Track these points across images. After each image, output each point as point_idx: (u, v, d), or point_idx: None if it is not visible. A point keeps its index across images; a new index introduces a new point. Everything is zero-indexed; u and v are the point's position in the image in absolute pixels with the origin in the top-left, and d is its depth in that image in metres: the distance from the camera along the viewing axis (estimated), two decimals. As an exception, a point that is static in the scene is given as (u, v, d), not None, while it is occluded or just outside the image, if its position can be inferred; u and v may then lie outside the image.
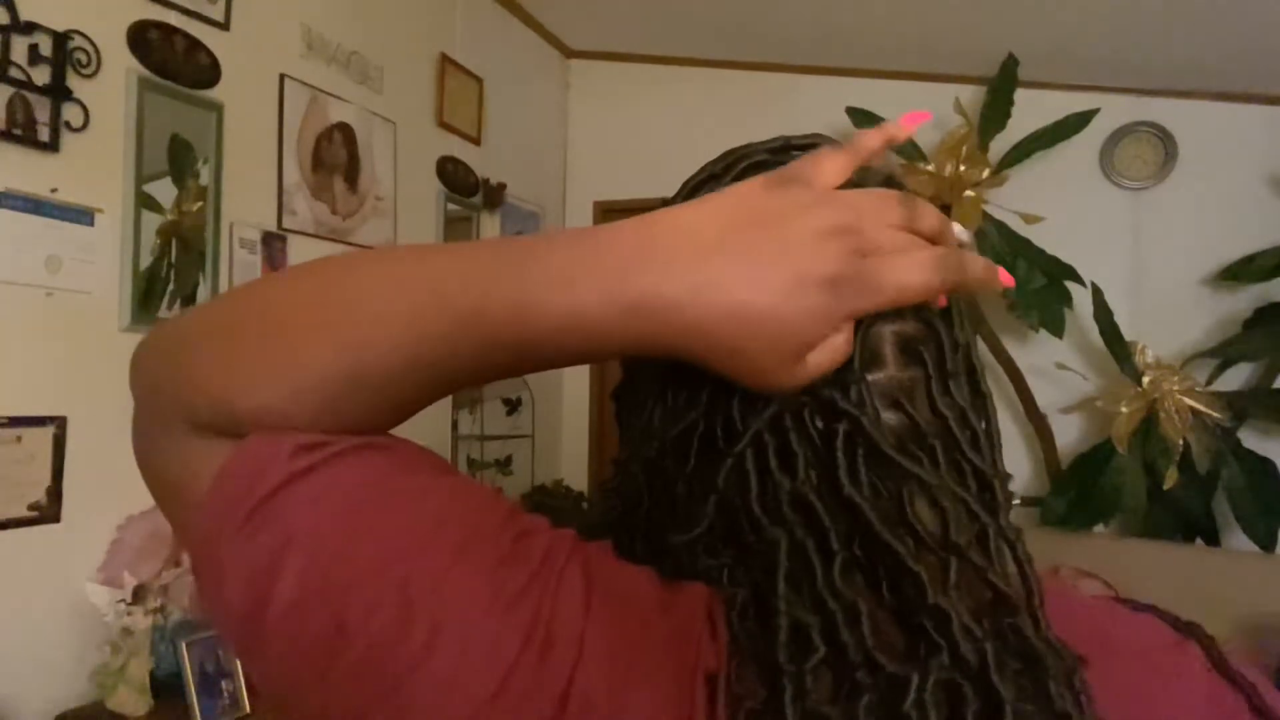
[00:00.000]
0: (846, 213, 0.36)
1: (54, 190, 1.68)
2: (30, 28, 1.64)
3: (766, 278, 0.35)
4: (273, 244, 2.20)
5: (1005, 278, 0.38)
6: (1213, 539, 2.85)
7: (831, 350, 0.37)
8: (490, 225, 3.20)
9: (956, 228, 0.39)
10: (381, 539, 0.35)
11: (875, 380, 0.39)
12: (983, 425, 0.41)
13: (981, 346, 3.00)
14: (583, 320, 0.36)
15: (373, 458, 0.38)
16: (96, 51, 1.76)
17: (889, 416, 0.39)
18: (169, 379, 0.40)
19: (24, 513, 1.63)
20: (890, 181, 0.44)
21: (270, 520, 0.35)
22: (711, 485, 0.39)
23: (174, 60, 1.91)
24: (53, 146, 1.67)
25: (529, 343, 0.37)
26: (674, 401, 0.42)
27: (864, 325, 0.39)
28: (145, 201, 1.86)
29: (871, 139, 0.40)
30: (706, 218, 0.36)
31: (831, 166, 0.38)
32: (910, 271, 0.36)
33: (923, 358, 0.40)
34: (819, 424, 0.38)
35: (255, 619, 0.35)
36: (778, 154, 0.44)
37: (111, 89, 1.79)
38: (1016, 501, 3.07)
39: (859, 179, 0.43)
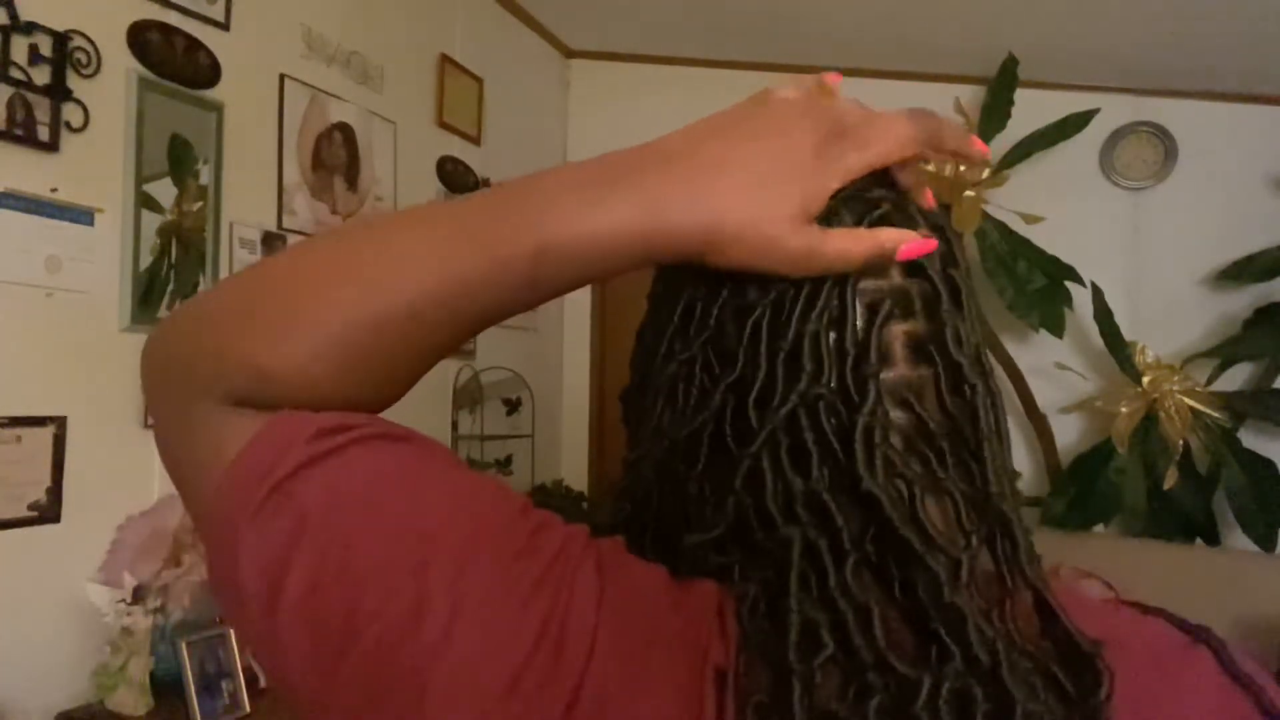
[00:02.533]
0: (825, 109, 0.42)
1: (54, 190, 1.68)
2: (30, 28, 1.63)
3: (754, 151, 0.40)
4: (273, 244, 2.20)
5: (978, 144, 0.44)
6: (1213, 539, 2.85)
7: (847, 241, 0.39)
8: (490, 225, 3.19)
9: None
10: (398, 526, 0.35)
11: (885, 379, 0.39)
12: (993, 424, 0.41)
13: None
14: (612, 235, 0.38)
15: (391, 446, 0.38)
16: (96, 51, 1.75)
17: (897, 415, 0.39)
18: (193, 351, 0.40)
19: (24, 513, 1.63)
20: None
21: (286, 503, 0.35)
22: (728, 486, 0.39)
23: (174, 60, 1.90)
24: (53, 146, 1.67)
25: (557, 260, 0.38)
26: (684, 403, 0.42)
27: (877, 324, 0.39)
28: (145, 201, 1.86)
29: (957, 139, 0.44)
30: (714, 122, 0.43)
31: (897, 129, 0.42)
32: (890, 127, 0.42)
33: (932, 357, 0.40)
34: (835, 419, 0.38)
35: (269, 603, 0.35)
36: None
37: (111, 89, 1.79)
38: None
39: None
